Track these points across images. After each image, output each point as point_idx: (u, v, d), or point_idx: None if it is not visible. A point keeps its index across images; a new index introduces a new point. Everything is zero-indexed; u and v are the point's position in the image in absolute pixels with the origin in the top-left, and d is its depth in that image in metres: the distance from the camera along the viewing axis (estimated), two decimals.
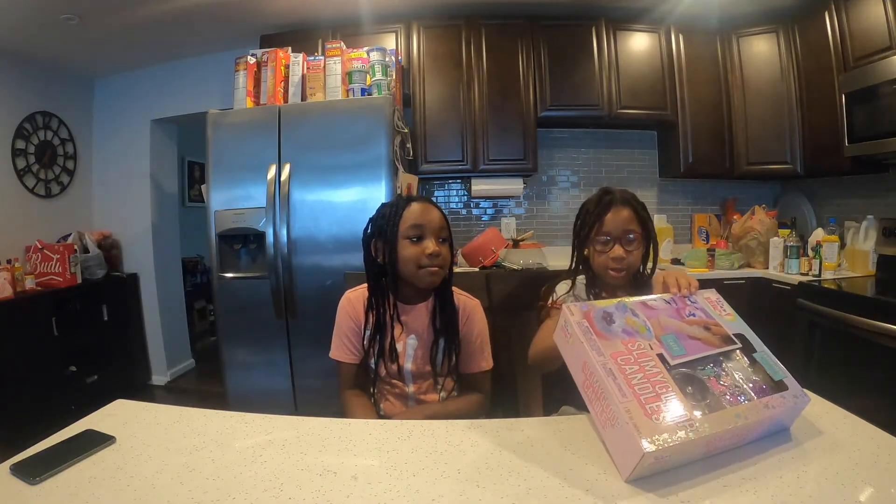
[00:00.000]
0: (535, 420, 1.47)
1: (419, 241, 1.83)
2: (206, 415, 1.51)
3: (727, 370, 1.26)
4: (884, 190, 4.04)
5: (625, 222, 1.90)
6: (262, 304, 3.56)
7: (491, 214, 5.06)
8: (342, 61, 3.74)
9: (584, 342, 1.24)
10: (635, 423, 1.08)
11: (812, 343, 3.48)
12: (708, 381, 1.21)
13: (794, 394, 1.25)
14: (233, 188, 3.57)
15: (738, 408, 1.16)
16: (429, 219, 1.84)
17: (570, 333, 1.30)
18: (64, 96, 5.13)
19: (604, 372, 1.18)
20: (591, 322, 1.30)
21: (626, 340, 1.27)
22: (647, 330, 1.31)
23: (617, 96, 4.51)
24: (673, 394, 1.15)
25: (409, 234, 1.83)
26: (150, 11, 4.05)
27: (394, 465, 1.20)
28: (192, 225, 6.30)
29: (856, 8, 3.69)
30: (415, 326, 1.95)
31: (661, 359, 1.23)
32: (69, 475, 1.17)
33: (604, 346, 1.24)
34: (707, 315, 1.44)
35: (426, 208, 1.87)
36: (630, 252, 1.89)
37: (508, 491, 1.08)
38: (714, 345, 1.32)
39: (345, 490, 1.10)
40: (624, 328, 1.30)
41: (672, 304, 1.45)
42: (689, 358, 1.26)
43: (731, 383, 1.22)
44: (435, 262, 1.82)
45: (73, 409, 1.32)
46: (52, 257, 4.55)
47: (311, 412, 1.52)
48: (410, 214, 1.84)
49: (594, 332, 1.27)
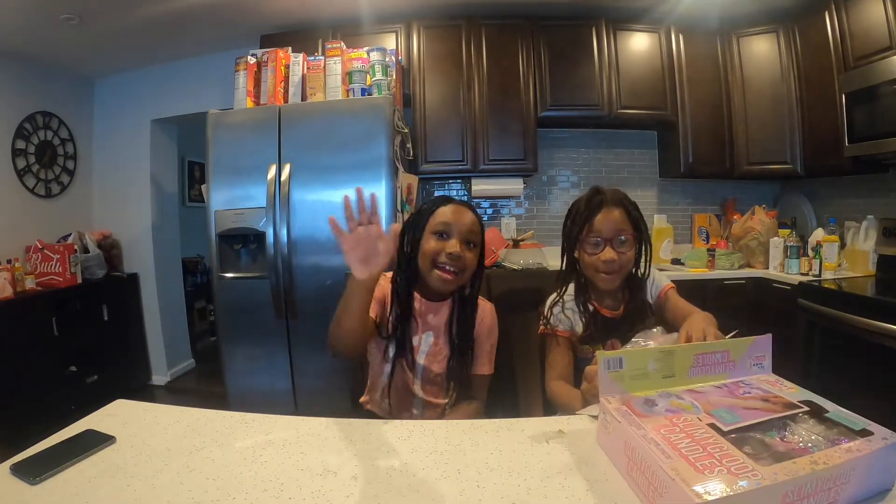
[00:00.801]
0: (535, 420, 1.46)
1: (444, 239, 1.84)
2: (207, 415, 1.51)
3: (794, 431, 1.06)
4: (884, 190, 4.05)
5: (616, 223, 1.87)
6: (263, 305, 3.56)
7: (491, 214, 5.06)
8: (342, 61, 3.75)
9: (623, 422, 1.12)
10: (683, 478, 0.91)
11: (812, 343, 3.48)
12: (771, 441, 1.02)
13: (882, 436, 1.02)
14: (233, 188, 3.57)
15: (814, 455, 0.96)
16: (460, 220, 1.85)
17: (610, 422, 1.20)
18: (64, 96, 5.13)
19: (644, 442, 1.03)
20: (631, 407, 1.18)
21: (669, 416, 1.13)
22: (695, 407, 1.17)
23: (617, 96, 4.51)
24: (728, 451, 0.98)
25: (436, 230, 1.85)
26: (150, 11, 4.04)
27: (394, 466, 1.20)
28: (192, 225, 6.29)
29: (856, 8, 3.70)
30: (433, 324, 1.95)
31: (712, 427, 1.07)
32: (69, 475, 1.16)
33: (644, 422, 1.11)
34: (765, 391, 1.25)
35: (461, 210, 1.88)
36: (622, 254, 1.87)
37: (509, 491, 1.08)
38: (776, 411, 1.14)
39: (345, 490, 1.10)
40: (668, 408, 1.17)
41: (724, 387, 1.28)
42: (747, 423, 1.08)
43: (801, 438, 1.03)
44: (453, 264, 1.82)
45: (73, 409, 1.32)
46: (52, 257, 4.55)
47: (312, 412, 1.51)
48: (444, 212, 1.86)
49: (634, 413, 1.15)
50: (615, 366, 1.26)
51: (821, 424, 1.08)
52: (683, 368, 1.31)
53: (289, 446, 1.30)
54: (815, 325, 3.45)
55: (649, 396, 1.23)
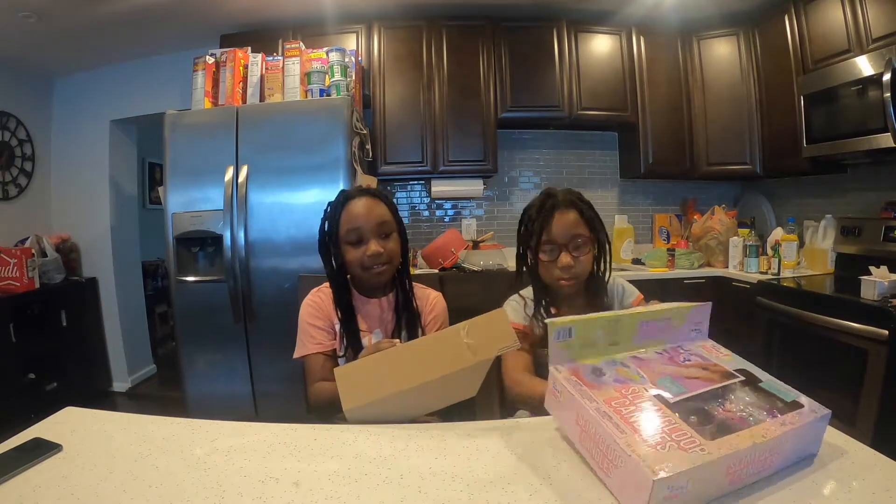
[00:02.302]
0: (484, 423, 1.46)
1: (359, 244, 1.82)
2: (155, 422, 1.49)
3: (733, 400, 1.15)
4: (842, 190, 4.13)
5: (571, 227, 1.83)
6: (221, 308, 3.52)
7: (452, 216, 5.06)
8: (301, 62, 3.72)
9: (574, 393, 1.16)
10: (639, 454, 0.96)
11: (771, 340, 3.54)
12: (714, 410, 1.11)
13: (811, 409, 1.14)
14: (190, 190, 3.53)
15: (753, 429, 1.05)
16: (366, 219, 1.83)
17: (560, 391, 1.23)
18: (22, 96, 5.02)
19: (598, 415, 1.08)
20: (580, 377, 1.21)
21: (618, 388, 1.17)
22: (641, 377, 1.22)
23: (577, 98, 4.54)
24: (677, 425, 1.05)
25: (348, 239, 1.83)
26: (110, 9, 3.97)
27: (336, 471, 1.19)
28: (152, 228, 6.17)
29: (815, 11, 3.76)
30: (378, 320, 1.95)
31: (659, 399, 1.14)
32: (14, 484, 1.16)
33: (595, 394, 1.15)
34: (703, 358, 1.34)
35: (362, 206, 1.85)
36: (578, 258, 1.83)
37: (450, 497, 1.07)
38: (714, 381, 1.22)
39: (285, 497, 1.09)
40: (616, 378, 1.22)
41: (664, 353, 1.35)
42: (691, 394, 1.16)
43: (740, 409, 1.12)
44: (379, 261, 1.82)
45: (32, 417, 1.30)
46: (8, 262, 4.45)
47: (272, 417, 1.51)
48: (347, 218, 1.84)
49: (584, 383, 1.19)
50: (564, 335, 1.27)
51: (755, 393, 1.18)
52: (628, 336, 1.35)
53: (234, 453, 1.29)
54: (774, 322, 3.50)
55: (596, 365, 1.26)
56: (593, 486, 1.08)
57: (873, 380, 2.75)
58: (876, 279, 2.91)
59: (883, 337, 2.68)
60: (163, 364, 6.10)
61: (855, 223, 3.76)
